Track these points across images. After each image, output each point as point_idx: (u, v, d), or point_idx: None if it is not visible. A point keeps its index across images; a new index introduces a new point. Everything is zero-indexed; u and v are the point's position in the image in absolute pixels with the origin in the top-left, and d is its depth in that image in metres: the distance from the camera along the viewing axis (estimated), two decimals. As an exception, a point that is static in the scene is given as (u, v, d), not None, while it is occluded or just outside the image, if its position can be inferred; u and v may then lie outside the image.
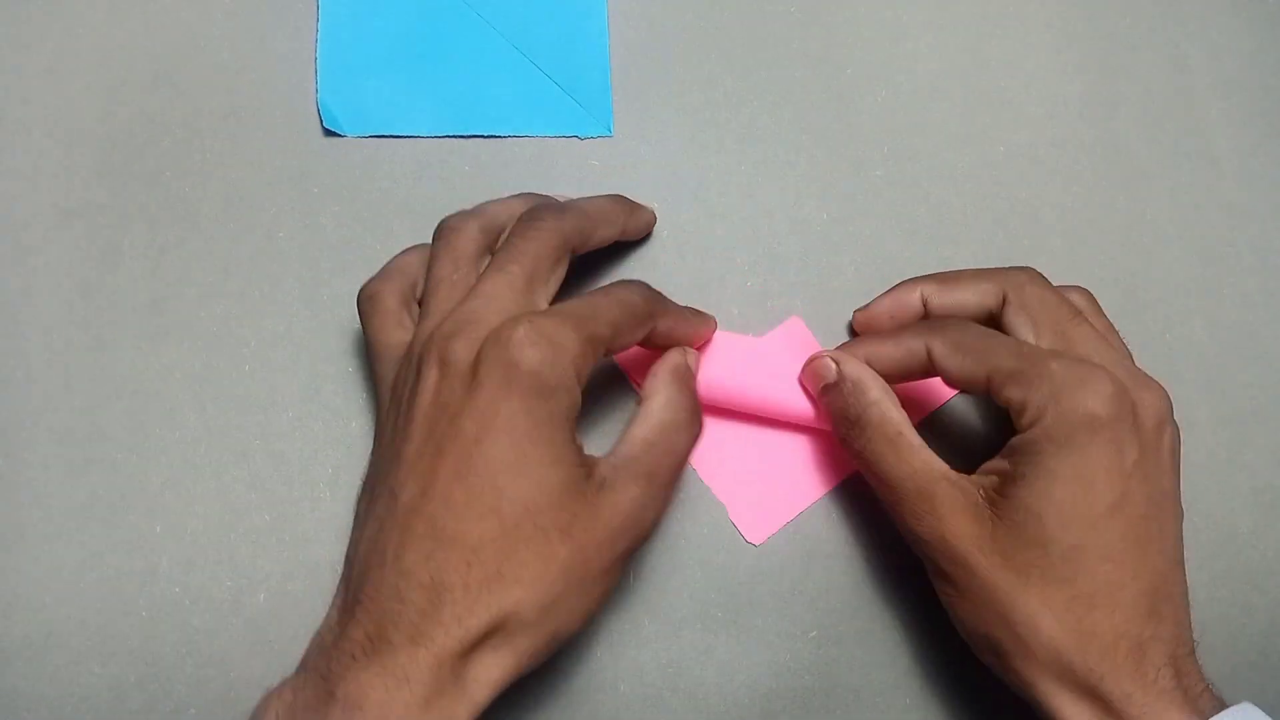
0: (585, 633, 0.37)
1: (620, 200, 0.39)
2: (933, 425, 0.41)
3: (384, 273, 0.36)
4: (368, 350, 0.35)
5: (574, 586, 0.30)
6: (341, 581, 0.31)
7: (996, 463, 0.33)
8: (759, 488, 0.39)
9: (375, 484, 0.32)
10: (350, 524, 0.37)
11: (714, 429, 0.39)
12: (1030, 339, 0.35)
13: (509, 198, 0.38)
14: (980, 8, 0.46)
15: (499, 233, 0.35)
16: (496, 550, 0.29)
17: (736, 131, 0.43)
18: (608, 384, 0.40)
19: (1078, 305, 0.36)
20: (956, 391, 0.40)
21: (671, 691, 0.37)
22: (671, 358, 0.36)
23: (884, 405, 0.35)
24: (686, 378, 0.36)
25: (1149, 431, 0.32)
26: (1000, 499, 0.32)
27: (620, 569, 0.32)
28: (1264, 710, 0.31)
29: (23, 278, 0.39)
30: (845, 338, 0.41)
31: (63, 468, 0.37)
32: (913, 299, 0.38)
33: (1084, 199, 0.44)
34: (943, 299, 0.37)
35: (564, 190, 0.42)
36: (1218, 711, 0.30)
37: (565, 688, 0.37)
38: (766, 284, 0.42)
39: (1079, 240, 0.43)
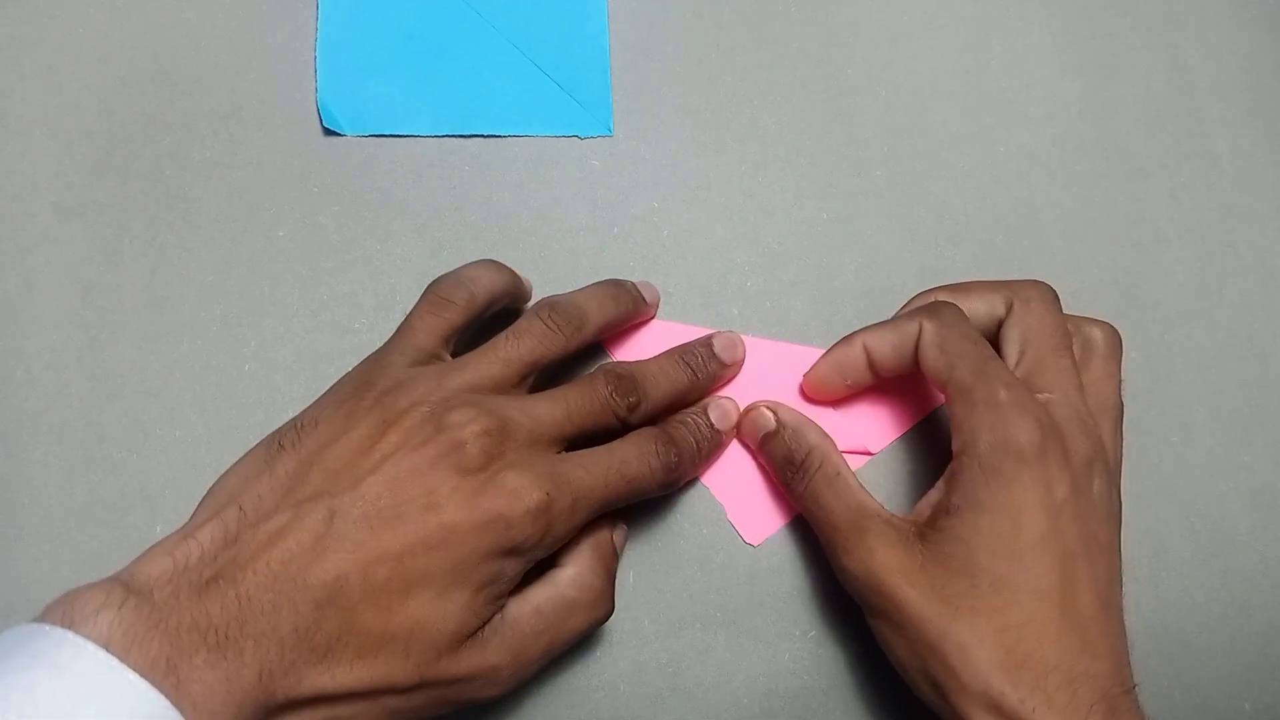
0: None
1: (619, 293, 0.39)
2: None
3: (469, 289, 0.35)
4: (401, 331, 0.35)
5: (391, 705, 0.30)
6: (214, 518, 0.29)
7: (931, 494, 0.34)
8: (757, 489, 0.39)
9: (313, 464, 0.30)
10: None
11: None
12: (1013, 356, 0.35)
13: (603, 293, 0.37)
14: (980, 8, 0.46)
15: (580, 330, 0.36)
16: (367, 644, 0.29)
17: (736, 131, 0.43)
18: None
19: (1089, 339, 0.36)
20: (936, 406, 0.40)
21: (671, 691, 0.37)
22: (600, 531, 0.35)
23: (824, 448, 0.36)
24: (608, 557, 0.35)
25: (1078, 472, 0.32)
26: (931, 530, 0.33)
27: (440, 709, 0.31)
28: (1263, 711, 0.31)
29: (22, 277, 0.39)
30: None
31: (62, 467, 0.37)
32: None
33: (1084, 199, 0.44)
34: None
35: (564, 191, 0.42)
36: None
37: (565, 687, 0.37)
38: (766, 284, 0.42)
39: (1079, 240, 0.43)
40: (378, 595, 0.29)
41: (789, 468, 0.37)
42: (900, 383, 0.39)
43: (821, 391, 0.39)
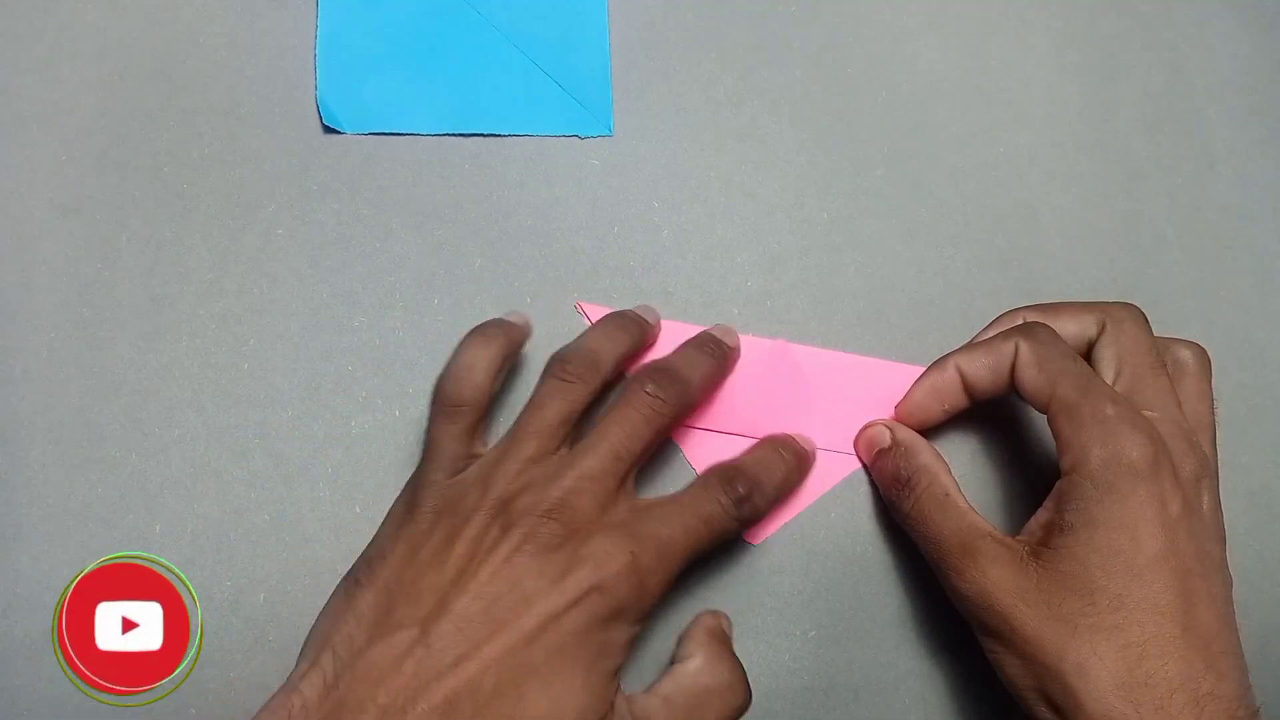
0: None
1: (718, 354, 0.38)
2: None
3: (464, 375, 0.34)
4: (428, 448, 0.34)
5: None
6: (312, 666, 0.30)
7: (1040, 513, 0.33)
8: None
9: (395, 597, 0.30)
10: (349, 525, 0.37)
11: (714, 429, 0.39)
12: (1110, 375, 0.35)
13: (608, 327, 0.37)
14: (980, 9, 0.46)
15: (611, 382, 0.35)
16: None
17: (736, 131, 0.43)
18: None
19: (1180, 359, 0.37)
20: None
21: (672, 691, 0.37)
22: (707, 620, 0.35)
23: (934, 469, 0.36)
24: (726, 641, 0.35)
25: (1188, 488, 0.32)
26: (1045, 549, 0.32)
27: None
28: (1262, 709, 0.31)
29: (19, 275, 0.39)
30: (845, 338, 0.41)
31: (61, 467, 0.37)
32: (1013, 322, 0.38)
33: (1082, 200, 0.44)
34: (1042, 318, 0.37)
35: (564, 190, 0.41)
36: None
37: (565, 687, 0.37)
38: (766, 284, 0.42)
39: (1077, 241, 0.43)
40: (492, 703, 0.28)
41: (895, 485, 0.37)
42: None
43: (917, 418, 0.38)
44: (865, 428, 0.39)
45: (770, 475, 0.36)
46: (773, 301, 0.41)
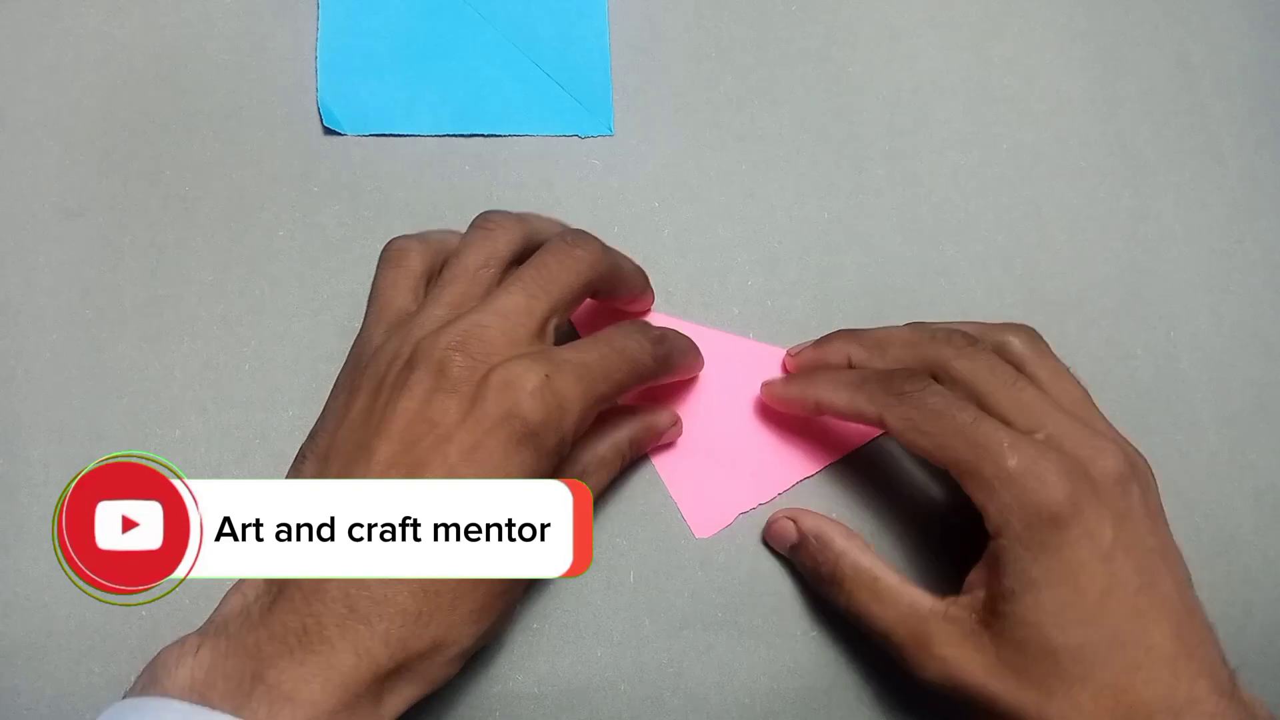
0: (586, 633, 0.37)
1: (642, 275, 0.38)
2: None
3: (421, 236, 0.35)
4: (371, 300, 0.34)
5: (505, 611, 0.31)
6: None
7: (978, 573, 0.33)
8: (709, 482, 0.39)
9: (329, 459, 0.31)
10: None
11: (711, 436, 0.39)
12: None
13: (549, 219, 0.36)
14: (983, 5, 0.46)
15: (535, 244, 0.34)
16: (454, 585, 0.29)
17: (736, 131, 0.43)
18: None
19: (1018, 354, 0.35)
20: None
21: (671, 691, 0.37)
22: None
23: (852, 554, 0.35)
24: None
25: (1114, 500, 0.31)
26: (993, 618, 0.31)
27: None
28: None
29: (23, 277, 0.39)
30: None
31: (62, 467, 0.37)
32: (839, 361, 0.37)
33: (1088, 196, 0.44)
34: (870, 364, 0.36)
35: (564, 190, 0.42)
36: None
37: (565, 688, 0.37)
38: (766, 284, 0.41)
39: (1083, 238, 0.43)
40: None
41: (822, 582, 0.36)
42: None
43: (785, 408, 0.39)
44: (770, 522, 0.38)
45: (680, 338, 0.36)
46: (773, 301, 0.41)
